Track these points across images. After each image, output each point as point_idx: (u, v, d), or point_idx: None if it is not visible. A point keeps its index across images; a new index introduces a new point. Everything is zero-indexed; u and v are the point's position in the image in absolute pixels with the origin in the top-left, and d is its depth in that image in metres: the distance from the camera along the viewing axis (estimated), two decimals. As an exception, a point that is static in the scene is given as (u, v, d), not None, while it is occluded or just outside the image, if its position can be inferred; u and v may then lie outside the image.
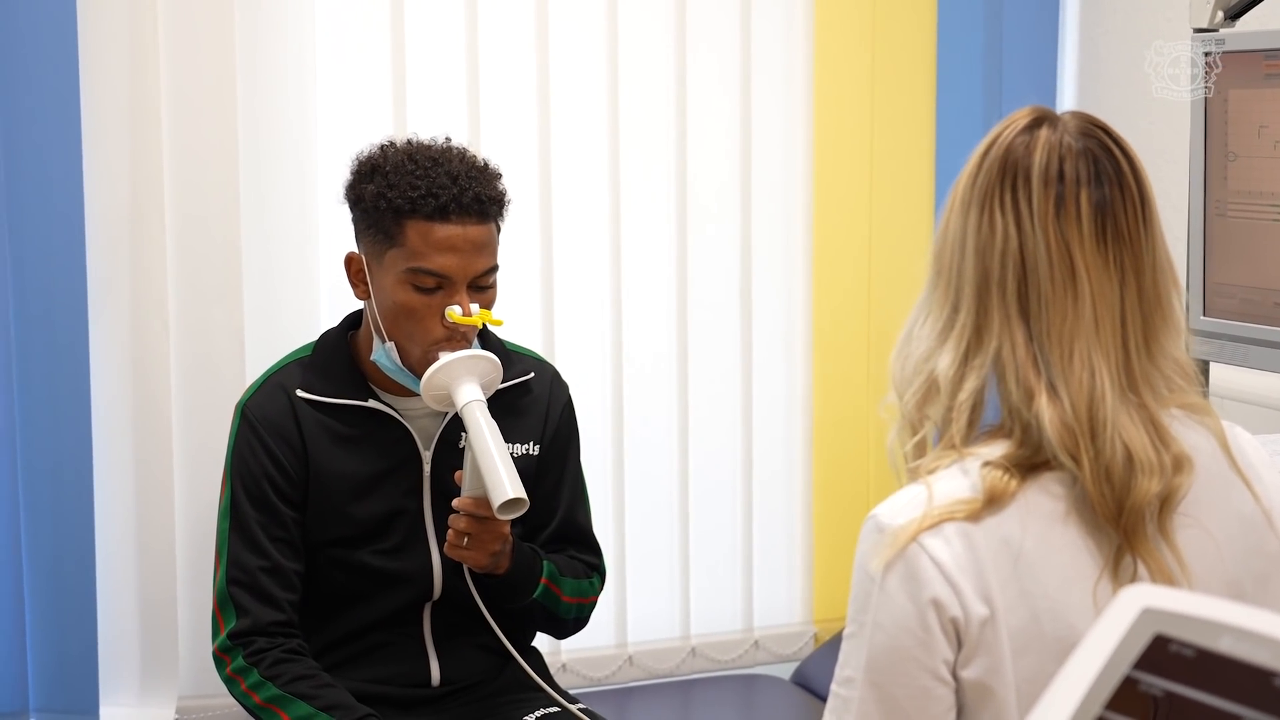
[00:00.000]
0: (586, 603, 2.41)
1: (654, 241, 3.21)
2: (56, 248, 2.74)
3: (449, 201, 2.15)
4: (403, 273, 2.17)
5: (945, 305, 1.43)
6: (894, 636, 1.35)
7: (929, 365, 1.41)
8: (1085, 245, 1.40)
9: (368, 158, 2.24)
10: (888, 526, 1.37)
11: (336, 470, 2.26)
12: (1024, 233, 1.39)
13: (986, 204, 1.41)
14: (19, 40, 2.69)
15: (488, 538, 2.16)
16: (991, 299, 1.40)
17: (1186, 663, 0.80)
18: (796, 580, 3.39)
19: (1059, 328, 1.39)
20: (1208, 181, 2.39)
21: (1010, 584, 1.35)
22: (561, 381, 2.43)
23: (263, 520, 2.24)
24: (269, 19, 2.90)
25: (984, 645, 1.35)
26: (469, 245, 2.17)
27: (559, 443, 2.40)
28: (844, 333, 3.34)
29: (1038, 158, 1.41)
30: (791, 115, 3.28)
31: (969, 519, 1.35)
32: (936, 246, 1.46)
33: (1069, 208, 1.40)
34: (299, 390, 2.27)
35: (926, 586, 1.34)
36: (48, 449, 2.76)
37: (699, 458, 3.27)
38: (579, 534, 2.44)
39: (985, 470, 1.37)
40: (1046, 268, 1.39)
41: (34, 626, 2.79)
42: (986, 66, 3.30)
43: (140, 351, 2.85)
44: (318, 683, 2.20)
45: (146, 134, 2.81)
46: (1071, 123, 1.44)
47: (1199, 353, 2.49)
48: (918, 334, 1.44)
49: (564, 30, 3.08)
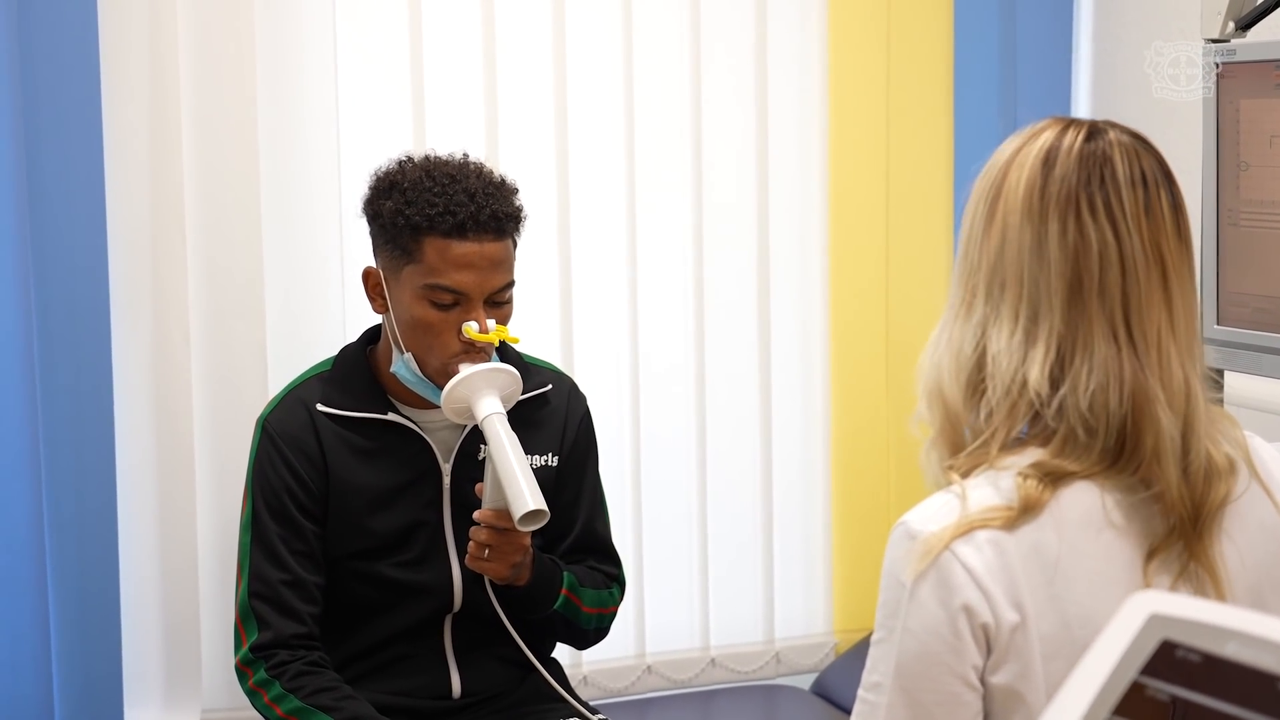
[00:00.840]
0: (607, 613, 2.42)
1: (670, 252, 3.21)
2: (79, 264, 2.75)
3: (466, 219, 2.17)
4: (420, 289, 2.18)
5: (1018, 316, 1.41)
6: (924, 642, 1.36)
7: (1015, 377, 1.39)
8: (1171, 246, 1.41)
9: (385, 173, 2.26)
10: (920, 534, 1.38)
11: (356, 483, 2.28)
12: (1120, 236, 1.39)
13: (1071, 211, 1.40)
14: (41, 66, 2.70)
15: (509, 549, 2.17)
16: (1090, 305, 1.39)
17: (1193, 668, 0.81)
18: (817, 590, 3.38)
19: (1156, 332, 1.40)
20: (1220, 191, 2.40)
21: (1041, 590, 1.36)
22: (579, 393, 2.45)
23: (284, 534, 2.26)
24: (289, 35, 2.91)
25: (1014, 651, 1.35)
26: (486, 262, 2.18)
27: (578, 454, 2.41)
28: (862, 341, 3.34)
29: (1119, 162, 1.41)
30: (807, 123, 3.28)
31: (1004, 527, 1.35)
32: (990, 259, 1.43)
33: (1155, 209, 1.41)
34: (319, 404, 2.29)
35: (958, 593, 1.35)
36: (71, 463, 2.78)
37: (717, 467, 3.26)
38: (598, 544, 2.45)
39: (1020, 480, 1.37)
40: (1145, 271, 1.39)
41: (59, 640, 2.81)
42: (1002, 70, 3.29)
43: (162, 367, 2.86)
44: (339, 695, 2.21)
45: (168, 149, 2.83)
46: (1116, 128, 1.45)
47: (1213, 361, 2.49)
48: (992, 349, 1.41)
49: (580, 39, 3.10)
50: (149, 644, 2.91)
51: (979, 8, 3.29)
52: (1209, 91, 2.40)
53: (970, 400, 1.43)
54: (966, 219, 1.48)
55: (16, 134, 2.69)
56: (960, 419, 1.43)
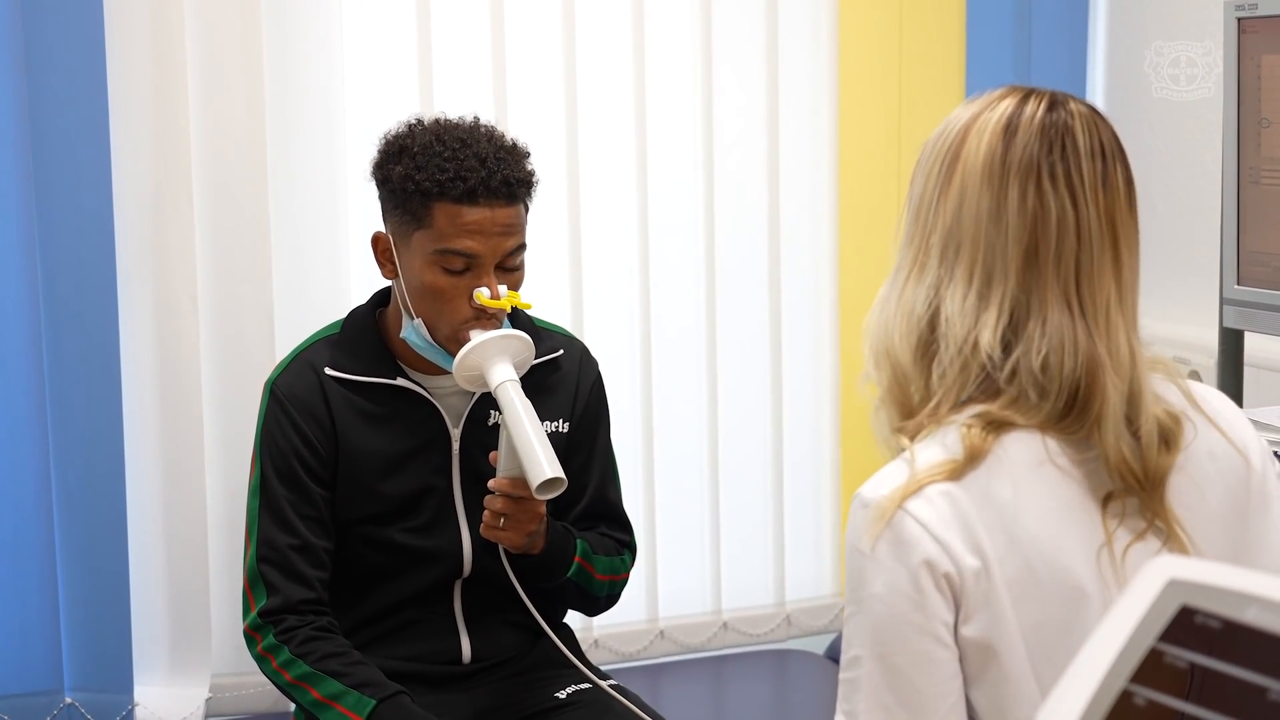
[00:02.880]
0: (619, 580, 2.40)
1: (682, 219, 3.20)
2: (85, 227, 2.75)
3: (477, 185, 2.14)
4: (430, 254, 2.16)
5: (972, 278, 1.43)
6: (890, 604, 1.36)
7: (967, 339, 1.42)
8: (1123, 218, 1.44)
9: (395, 137, 2.23)
10: (872, 501, 1.40)
11: (365, 448, 2.26)
12: (1078, 206, 1.41)
13: (1032, 178, 1.41)
14: (46, 19, 2.69)
15: (524, 518, 2.16)
16: (1044, 272, 1.41)
17: (1213, 634, 0.79)
18: (826, 553, 3.40)
19: (1105, 302, 1.42)
20: (1241, 148, 2.37)
21: (999, 534, 1.37)
22: (591, 358, 2.42)
23: (292, 498, 2.24)
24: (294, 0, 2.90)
25: (981, 599, 1.36)
26: (496, 228, 2.16)
27: (589, 419, 2.39)
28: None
29: (1079, 133, 1.43)
30: (818, 87, 3.27)
31: (950, 478, 1.38)
32: (947, 222, 1.45)
33: (1112, 181, 1.43)
34: (327, 368, 2.27)
35: (915, 548, 1.36)
36: (79, 430, 2.78)
37: (728, 433, 3.27)
38: (610, 511, 2.43)
39: (963, 430, 1.39)
40: (1099, 240, 1.42)
41: (68, 607, 2.81)
42: (1015, 63, 3.28)
43: (170, 332, 2.86)
44: (348, 660, 2.20)
45: (174, 112, 2.81)
46: (1075, 100, 1.47)
47: (1232, 322, 2.46)
48: (946, 310, 1.43)
49: (590, 30, 3.09)
50: (158, 611, 2.91)
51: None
52: (1230, 49, 2.36)
53: (920, 362, 1.45)
54: (918, 181, 1.50)
55: (21, 96, 2.68)
56: (908, 379, 1.46)
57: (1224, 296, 2.47)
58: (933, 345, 1.44)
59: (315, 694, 2.16)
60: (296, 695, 2.19)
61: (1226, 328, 2.50)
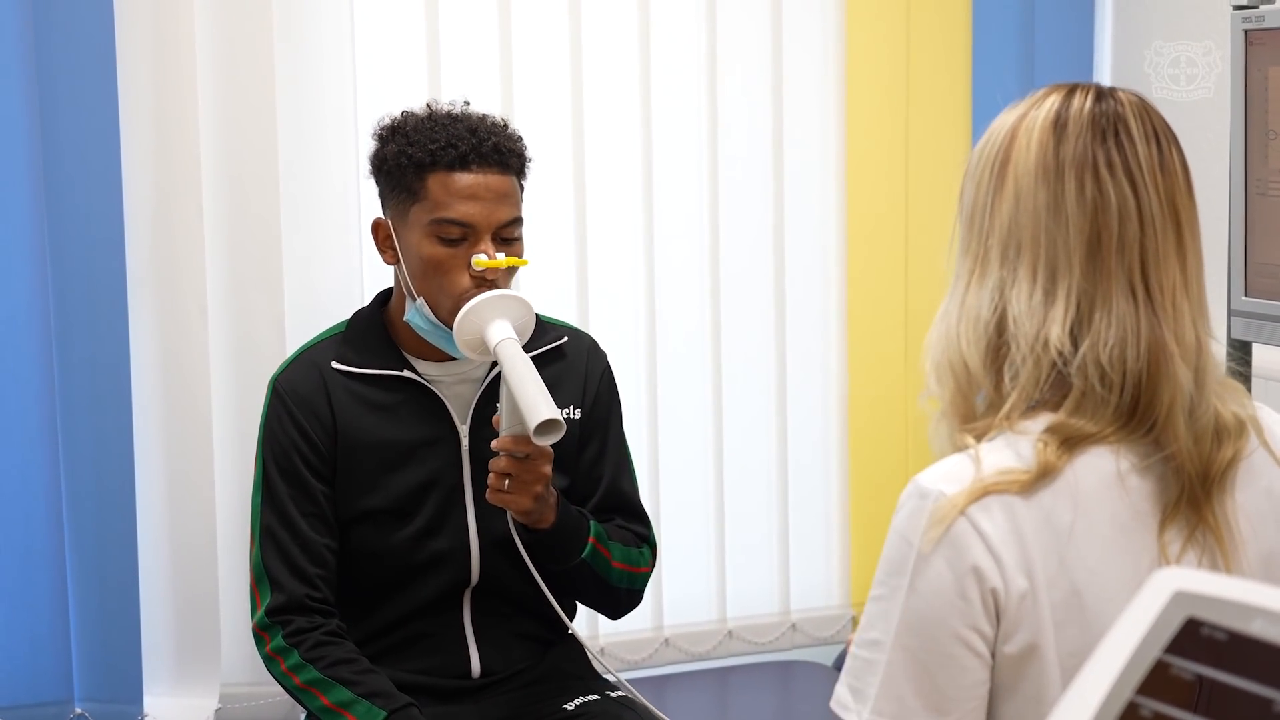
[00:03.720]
0: (638, 573, 2.36)
1: (687, 223, 3.21)
2: (95, 232, 2.75)
3: (468, 151, 2.18)
4: (427, 225, 2.18)
5: (1036, 276, 1.41)
6: (930, 603, 1.34)
7: (1037, 336, 1.39)
8: (1184, 201, 1.42)
9: (389, 123, 2.28)
10: (931, 492, 1.37)
11: (370, 440, 2.26)
12: (1139, 191, 1.40)
13: (1089, 168, 1.40)
14: (57, 37, 2.70)
15: (529, 477, 2.13)
16: (1108, 261, 1.39)
17: (1219, 646, 0.79)
18: (833, 562, 3.40)
19: (1171, 287, 1.40)
20: (1249, 160, 2.37)
21: (1052, 557, 1.35)
22: (600, 350, 2.42)
23: (294, 494, 2.24)
24: (307, 10, 2.91)
25: (1024, 619, 1.34)
26: (490, 194, 2.19)
27: (600, 408, 2.38)
28: (879, 312, 3.33)
29: (1131, 119, 1.42)
30: (826, 85, 3.28)
31: (1020, 492, 1.35)
32: (1005, 223, 1.42)
33: (1170, 164, 1.42)
34: (334, 363, 2.27)
35: (967, 554, 1.34)
36: (89, 436, 2.78)
37: (734, 440, 3.27)
38: (626, 503, 2.40)
39: (1039, 445, 1.37)
40: (1162, 225, 1.40)
41: (78, 615, 2.81)
42: (1021, 39, 3.28)
43: (180, 342, 2.86)
44: (358, 668, 2.20)
45: (184, 117, 2.82)
46: (1120, 90, 1.45)
47: (1240, 334, 2.46)
48: (1013, 310, 1.40)
49: (596, 35, 3.10)
50: (167, 621, 2.91)
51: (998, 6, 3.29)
52: (1237, 60, 2.36)
53: (991, 367, 1.42)
54: (969, 190, 1.47)
55: (33, 106, 2.69)
56: (976, 386, 1.42)
57: (1232, 308, 2.47)
58: (1002, 349, 1.41)
59: (324, 700, 2.16)
60: (305, 700, 2.19)
61: (1235, 339, 2.50)
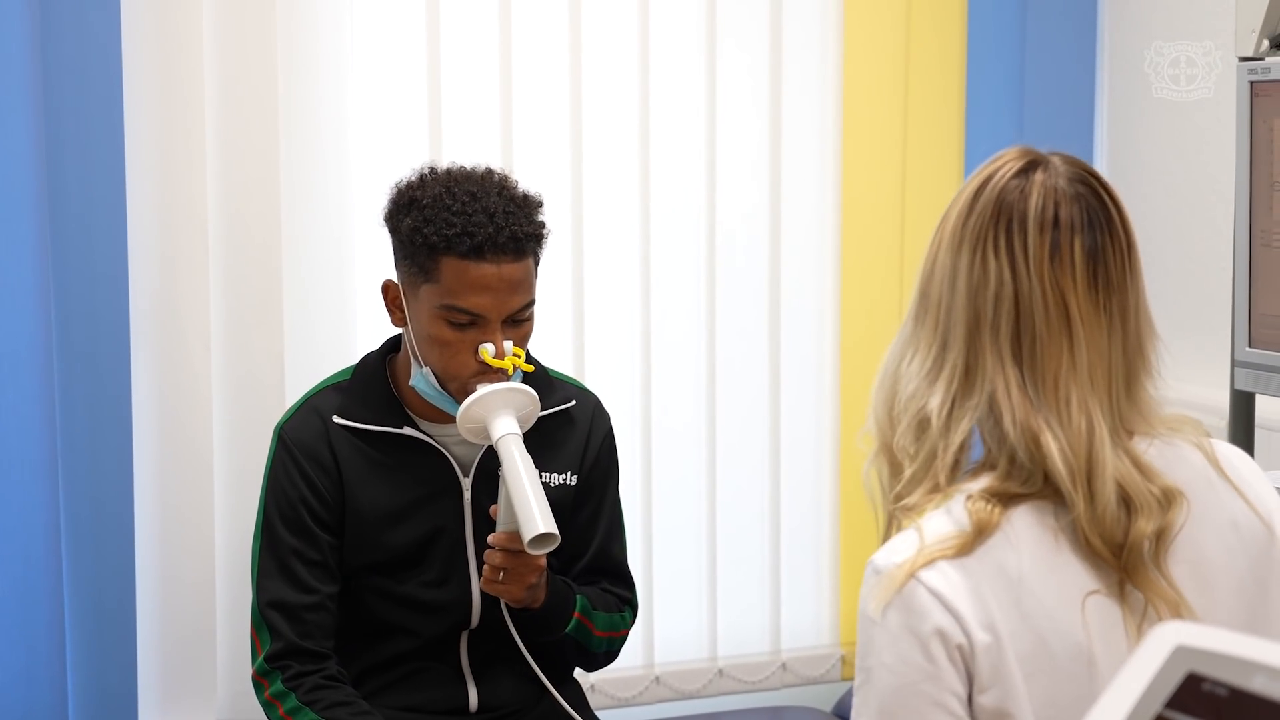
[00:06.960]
0: (618, 637, 2.40)
1: (683, 265, 3.22)
2: (99, 273, 2.76)
3: (484, 241, 2.12)
4: (437, 308, 2.15)
5: (933, 343, 1.44)
6: (900, 674, 1.35)
7: (918, 404, 1.43)
8: (1079, 291, 1.42)
9: (406, 186, 2.22)
10: (884, 568, 1.39)
11: (372, 497, 2.26)
12: (1019, 277, 1.41)
13: (980, 246, 1.42)
14: (63, 71, 2.71)
15: (524, 570, 2.15)
16: (984, 340, 1.42)
17: (1219, 702, 0.79)
18: (824, 602, 3.40)
19: (1054, 372, 1.41)
20: (1253, 211, 2.37)
21: (1011, 609, 1.36)
22: (604, 412, 2.42)
23: (296, 545, 2.24)
24: (306, 46, 2.92)
25: (994, 673, 1.35)
26: (504, 285, 2.14)
27: (598, 474, 2.38)
28: (873, 353, 3.31)
29: (1033, 202, 1.42)
30: (824, 130, 3.29)
31: (960, 553, 1.36)
32: (923, 281, 1.47)
33: (1064, 254, 1.41)
34: (335, 416, 2.27)
35: (927, 618, 1.35)
36: (89, 472, 2.78)
37: (726, 479, 3.28)
38: (613, 567, 2.42)
39: (969, 504, 1.38)
40: (1042, 312, 1.40)
41: (74, 648, 2.80)
42: (1019, 40, 3.29)
43: (181, 376, 2.86)
44: (355, 710, 2.19)
45: (189, 160, 2.83)
46: (1062, 167, 1.46)
47: (1243, 385, 2.46)
48: (905, 371, 1.45)
49: (595, 39, 3.11)
50: (164, 653, 2.91)
51: (995, 10, 3.29)
52: (1243, 112, 2.37)
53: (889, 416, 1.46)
54: None
55: (39, 140, 2.69)
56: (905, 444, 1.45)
57: (1235, 359, 2.47)
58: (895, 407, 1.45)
59: (320, 742, 2.16)
60: (302, 742, 2.19)
61: (1238, 390, 2.50)
